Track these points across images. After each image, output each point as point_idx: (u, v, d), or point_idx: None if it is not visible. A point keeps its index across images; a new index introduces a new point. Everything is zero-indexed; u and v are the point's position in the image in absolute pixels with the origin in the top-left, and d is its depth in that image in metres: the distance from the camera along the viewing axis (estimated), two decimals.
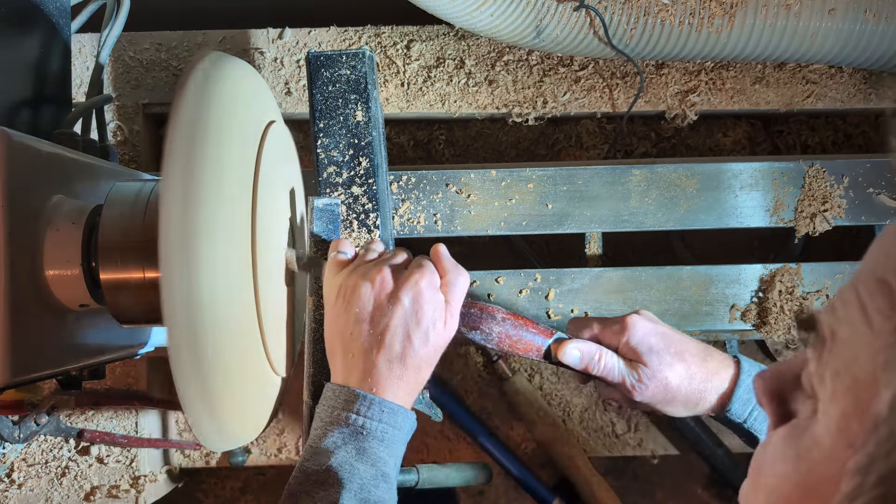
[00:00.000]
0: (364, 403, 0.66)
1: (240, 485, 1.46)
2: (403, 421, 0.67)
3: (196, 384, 0.58)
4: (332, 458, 0.64)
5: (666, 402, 0.76)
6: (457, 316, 0.72)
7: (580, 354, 0.75)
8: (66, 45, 0.88)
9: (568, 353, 0.75)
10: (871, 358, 0.30)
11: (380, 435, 0.66)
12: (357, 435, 0.65)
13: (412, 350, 0.67)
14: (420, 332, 0.68)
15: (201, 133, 0.61)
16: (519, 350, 0.76)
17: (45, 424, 0.97)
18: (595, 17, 0.99)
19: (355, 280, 0.69)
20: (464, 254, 1.23)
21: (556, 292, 1.01)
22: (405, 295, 0.68)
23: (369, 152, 0.85)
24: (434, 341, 0.69)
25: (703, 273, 1.02)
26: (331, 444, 0.65)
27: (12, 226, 0.62)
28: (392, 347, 0.67)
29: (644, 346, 0.75)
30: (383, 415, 0.66)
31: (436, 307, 0.69)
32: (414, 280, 0.68)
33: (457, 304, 0.71)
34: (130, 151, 1.10)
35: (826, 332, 0.33)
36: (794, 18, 0.99)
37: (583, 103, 1.11)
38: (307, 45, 1.11)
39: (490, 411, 1.20)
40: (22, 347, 0.62)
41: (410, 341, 0.67)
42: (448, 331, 0.71)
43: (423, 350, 0.68)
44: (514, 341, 0.76)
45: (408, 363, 0.67)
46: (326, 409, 0.68)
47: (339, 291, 0.70)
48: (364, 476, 0.64)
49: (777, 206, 1.03)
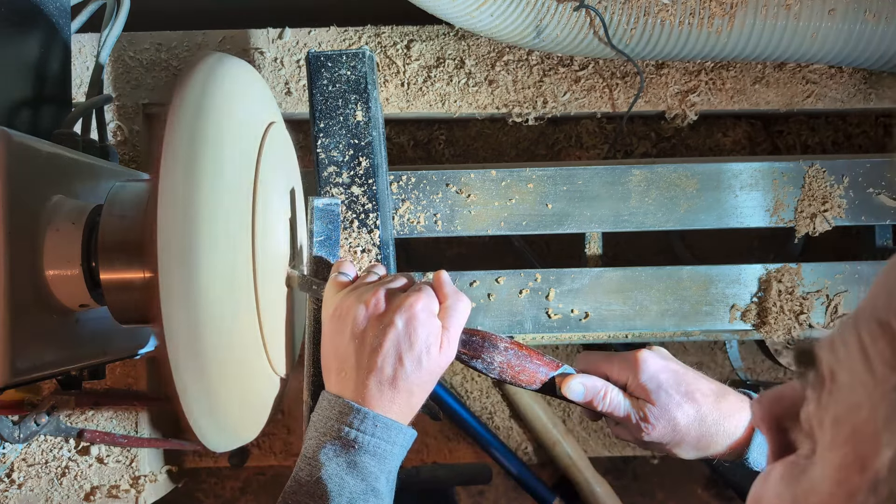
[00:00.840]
0: (357, 416, 0.65)
1: (240, 485, 1.46)
2: (397, 436, 0.67)
3: (196, 384, 0.58)
4: (323, 470, 0.64)
5: (675, 443, 0.72)
6: (455, 342, 0.70)
7: (584, 390, 0.72)
8: (66, 45, 0.88)
9: (572, 387, 0.72)
10: (872, 410, 0.28)
11: (372, 449, 0.65)
12: (349, 448, 0.65)
13: (404, 373, 0.66)
14: (412, 355, 0.67)
15: (200, 133, 0.61)
16: (522, 381, 0.74)
17: (45, 424, 0.97)
18: (595, 17, 0.99)
19: (351, 301, 0.69)
20: (464, 254, 1.23)
21: (556, 292, 1.01)
22: (398, 317, 0.67)
23: (369, 152, 0.85)
24: (428, 366, 0.67)
25: (703, 273, 1.02)
26: (323, 456, 0.65)
27: (12, 226, 0.62)
28: (383, 370, 0.66)
29: (653, 383, 0.71)
30: (376, 429, 0.66)
31: (430, 331, 0.68)
32: (409, 303, 0.67)
33: (455, 329, 0.70)
34: (130, 151, 1.10)
35: (826, 372, 0.32)
36: (794, 18, 0.99)
37: (583, 103, 1.11)
38: (307, 45, 1.11)
39: (490, 411, 1.20)
40: (22, 347, 0.62)
41: (402, 364, 0.66)
42: (444, 356, 0.69)
43: (416, 374, 0.67)
44: (517, 371, 0.74)
45: (399, 386, 0.66)
46: (321, 419, 0.68)
47: (336, 311, 0.70)
48: (354, 490, 0.64)
49: (777, 206, 1.03)
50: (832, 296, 1.02)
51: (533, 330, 1.01)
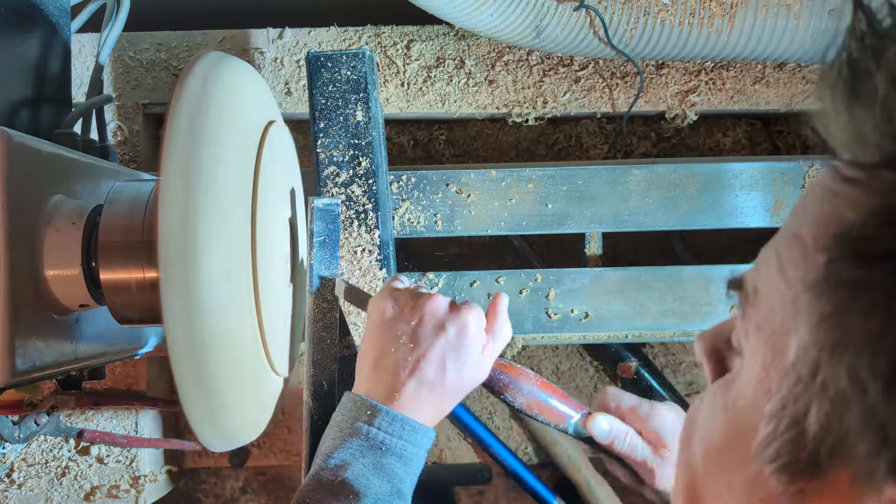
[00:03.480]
0: (386, 419, 0.66)
1: (240, 485, 1.46)
2: (423, 439, 0.68)
3: (196, 384, 0.58)
4: (348, 470, 0.64)
5: None
6: (491, 362, 0.72)
7: (609, 429, 0.73)
8: (66, 45, 0.88)
9: (598, 424, 0.73)
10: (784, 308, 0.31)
11: (399, 451, 0.66)
12: (375, 449, 0.65)
13: (444, 379, 0.68)
14: (456, 364, 0.68)
15: (200, 133, 0.61)
16: (543, 415, 0.75)
17: (45, 424, 0.97)
18: (595, 17, 0.99)
19: (405, 300, 0.70)
20: (464, 254, 1.23)
21: (556, 292, 1.01)
22: (451, 326, 0.68)
23: (369, 152, 0.85)
24: (466, 377, 0.69)
25: (703, 273, 1.02)
26: (348, 456, 0.65)
27: (12, 226, 0.62)
28: (425, 372, 0.68)
29: (668, 431, 0.72)
30: (404, 432, 0.66)
31: (476, 346, 0.70)
32: (463, 315, 0.69)
33: (497, 350, 0.72)
34: (130, 151, 1.10)
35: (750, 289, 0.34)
36: (794, 18, 0.99)
37: (583, 103, 1.11)
38: (307, 45, 1.11)
39: (490, 411, 1.20)
40: (22, 347, 0.62)
41: (445, 371, 0.68)
42: (482, 372, 0.71)
43: (455, 383, 0.69)
44: (541, 409, 0.74)
45: (436, 390, 0.68)
46: (346, 419, 0.67)
47: (386, 308, 0.71)
48: (379, 491, 0.64)
49: (777, 206, 1.03)
50: None
51: (533, 330, 1.01)
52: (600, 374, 1.24)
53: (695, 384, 1.24)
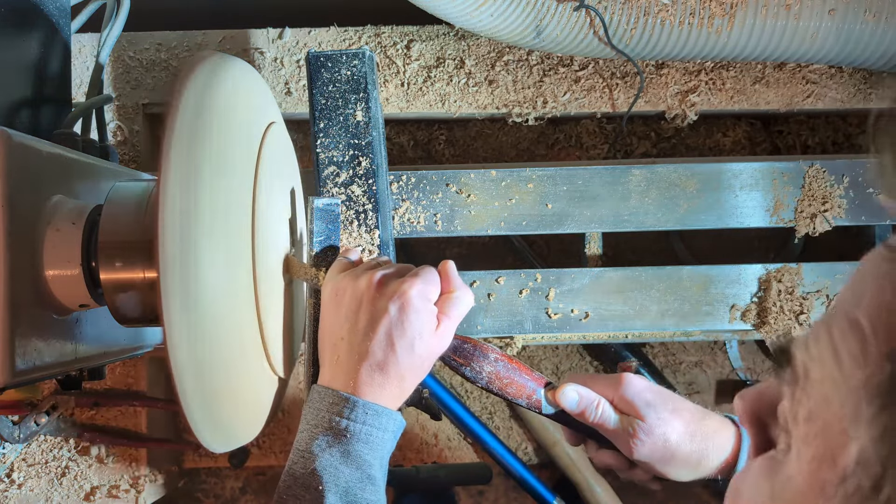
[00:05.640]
0: (347, 406, 0.65)
1: (240, 485, 1.46)
2: (388, 422, 0.67)
3: (195, 384, 0.58)
4: (317, 462, 0.64)
5: (665, 460, 0.72)
6: (452, 330, 0.70)
7: (578, 398, 0.72)
8: (66, 45, 0.88)
9: (566, 394, 0.72)
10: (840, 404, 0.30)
11: (364, 437, 0.65)
12: (341, 437, 0.65)
13: (395, 359, 0.66)
14: (405, 341, 0.66)
15: (200, 133, 0.61)
16: (509, 393, 0.73)
17: (45, 424, 0.97)
18: (595, 17, 0.99)
19: (347, 282, 0.69)
20: (464, 254, 1.23)
21: (556, 292, 1.01)
22: (392, 303, 0.66)
23: (369, 152, 0.85)
24: (420, 352, 0.67)
25: (703, 273, 1.02)
26: (316, 448, 0.65)
27: (12, 226, 0.62)
28: (374, 354, 0.66)
29: (640, 400, 0.72)
30: (367, 416, 0.66)
31: (424, 317, 0.67)
32: (403, 288, 0.67)
33: (455, 319, 0.70)
34: (130, 151, 1.10)
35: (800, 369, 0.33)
36: (794, 18, 0.99)
37: (583, 103, 1.11)
38: (307, 45, 1.11)
39: (490, 411, 1.20)
40: (22, 348, 0.62)
41: (394, 350, 0.66)
42: (440, 342, 0.69)
43: (407, 360, 0.67)
44: (505, 384, 0.73)
45: (390, 372, 0.66)
46: (312, 412, 0.67)
47: (333, 292, 0.70)
48: (349, 479, 0.64)
49: (777, 206, 1.03)
50: (832, 296, 1.02)
51: (533, 330, 1.01)
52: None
53: (695, 384, 1.24)
